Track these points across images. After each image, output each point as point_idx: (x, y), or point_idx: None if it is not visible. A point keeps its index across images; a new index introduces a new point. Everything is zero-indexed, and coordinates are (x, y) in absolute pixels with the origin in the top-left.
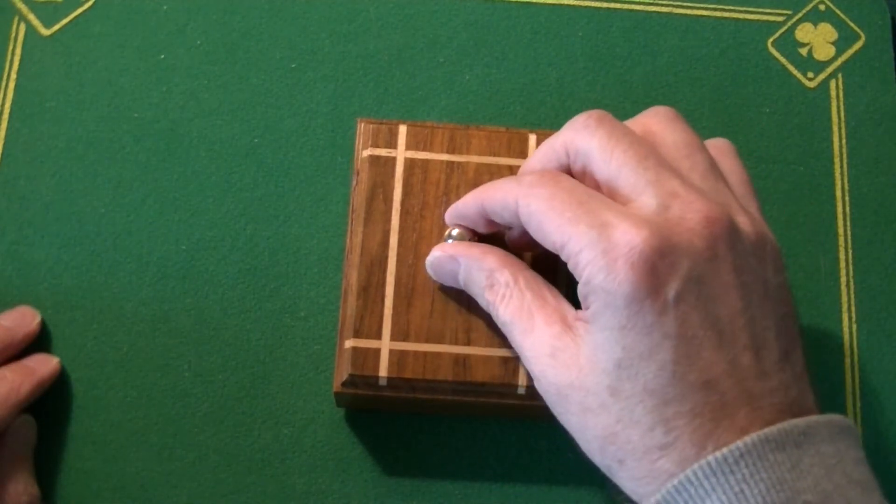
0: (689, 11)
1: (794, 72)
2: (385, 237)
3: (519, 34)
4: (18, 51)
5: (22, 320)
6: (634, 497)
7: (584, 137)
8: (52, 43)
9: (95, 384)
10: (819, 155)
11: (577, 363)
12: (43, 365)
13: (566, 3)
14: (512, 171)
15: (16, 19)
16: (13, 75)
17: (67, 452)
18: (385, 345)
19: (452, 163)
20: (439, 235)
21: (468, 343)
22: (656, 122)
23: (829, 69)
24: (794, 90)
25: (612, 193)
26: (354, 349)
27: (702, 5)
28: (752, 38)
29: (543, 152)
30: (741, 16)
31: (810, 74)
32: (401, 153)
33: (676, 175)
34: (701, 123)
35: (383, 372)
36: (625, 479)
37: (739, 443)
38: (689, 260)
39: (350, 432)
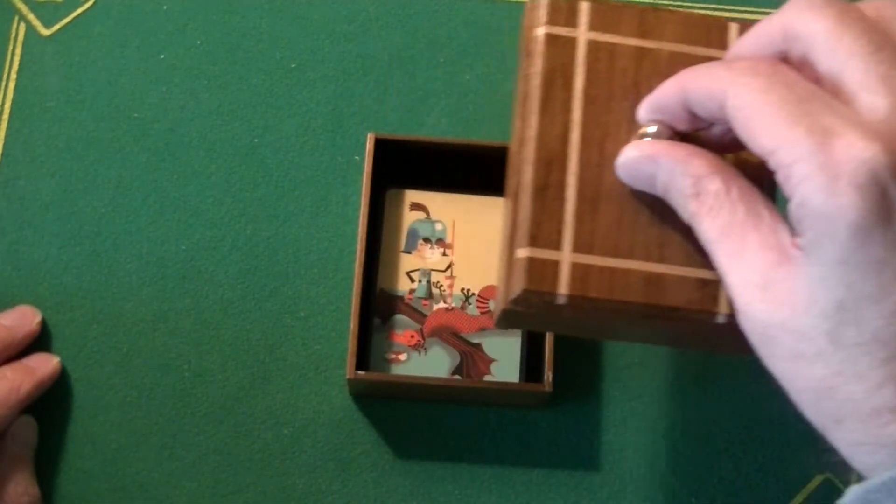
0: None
1: None
2: (565, 130)
3: (519, 34)
4: (18, 51)
5: (22, 320)
6: (854, 464)
7: (807, 19)
8: (52, 43)
9: (95, 384)
10: None
11: (791, 300)
12: (43, 365)
13: None
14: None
15: (16, 19)
16: (13, 75)
17: (67, 452)
18: (565, 257)
19: (643, 49)
20: (628, 132)
21: (661, 260)
22: (893, 5)
23: None
24: None
25: (836, 90)
26: (530, 260)
27: (702, 5)
28: None
29: (757, 34)
30: (741, 16)
31: None
32: (582, 34)
33: None
34: None
35: (563, 289)
36: (842, 443)
37: None
38: None
39: (350, 433)
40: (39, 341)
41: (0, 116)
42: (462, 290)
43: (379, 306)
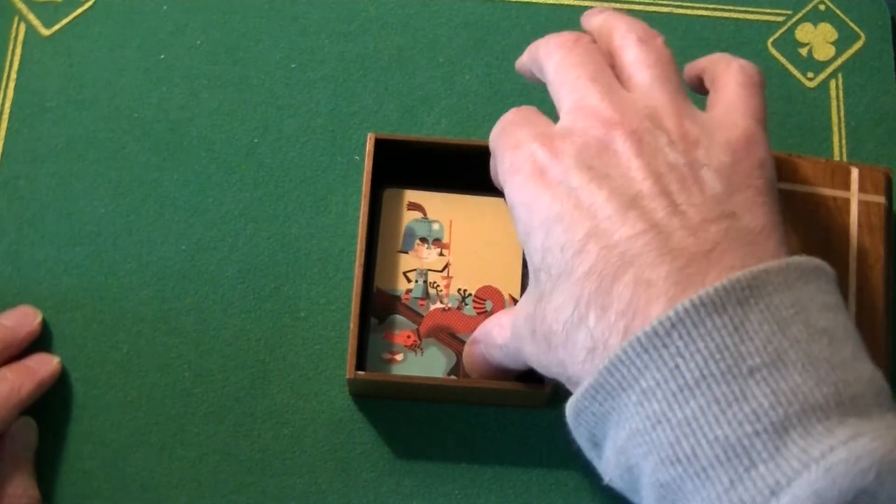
0: (689, 11)
1: (794, 72)
2: None
3: (519, 34)
4: (18, 51)
5: (23, 320)
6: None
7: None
8: (52, 43)
9: (95, 384)
10: (819, 155)
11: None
12: (44, 365)
13: (566, 3)
14: (836, 202)
15: (16, 19)
16: (13, 75)
17: (67, 452)
18: None
19: (780, 191)
20: None
21: None
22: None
23: (829, 69)
24: (794, 90)
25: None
26: None
27: (702, 5)
28: (752, 38)
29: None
30: (741, 16)
31: (810, 74)
32: None
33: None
34: None
35: None
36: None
37: (670, 312)
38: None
39: (350, 433)
40: (39, 341)
41: (0, 116)
42: (459, 290)
43: (376, 306)
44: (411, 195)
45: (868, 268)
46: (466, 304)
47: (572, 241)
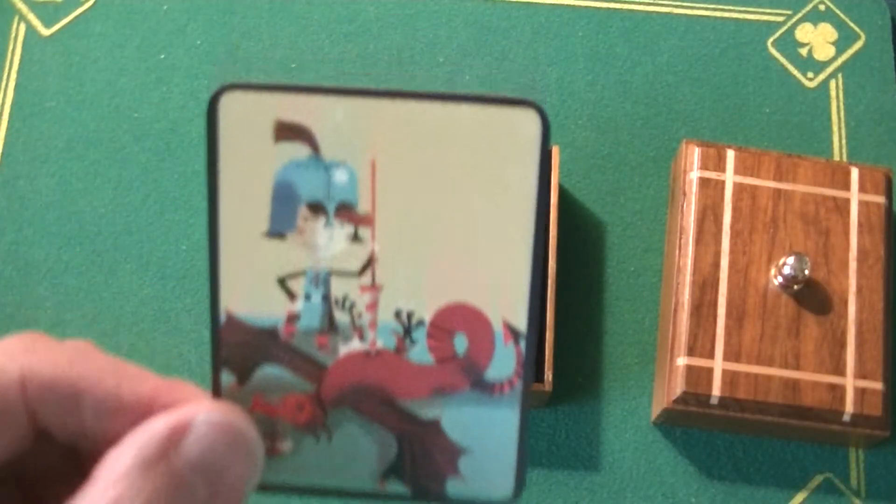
0: (689, 11)
1: (794, 72)
2: (716, 258)
3: (519, 34)
4: (18, 51)
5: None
6: None
7: None
8: (52, 43)
9: None
10: (819, 155)
11: None
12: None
13: (566, 3)
14: (836, 202)
15: (16, 19)
16: (13, 75)
17: None
18: (717, 364)
19: (779, 190)
20: (768, 261)
21: (797, 368)
22: None
23: (829, 69)
24: (794, 90)
25: None
26: (688, 367)
27: (702, 5)
28: (752, 38)
29: None
30: (741, 16)
31: (810, 74)
32: (729, 177)
33: None
34: (701, 124)
35: (716, 391)
36: None
37: None
38: None
39: None
40: None
41: (0, 116)
42: (397, 313)
43: (229, 348)
44: (281, 103)
45: (868, 268)
46: (414, 342)
47: None
